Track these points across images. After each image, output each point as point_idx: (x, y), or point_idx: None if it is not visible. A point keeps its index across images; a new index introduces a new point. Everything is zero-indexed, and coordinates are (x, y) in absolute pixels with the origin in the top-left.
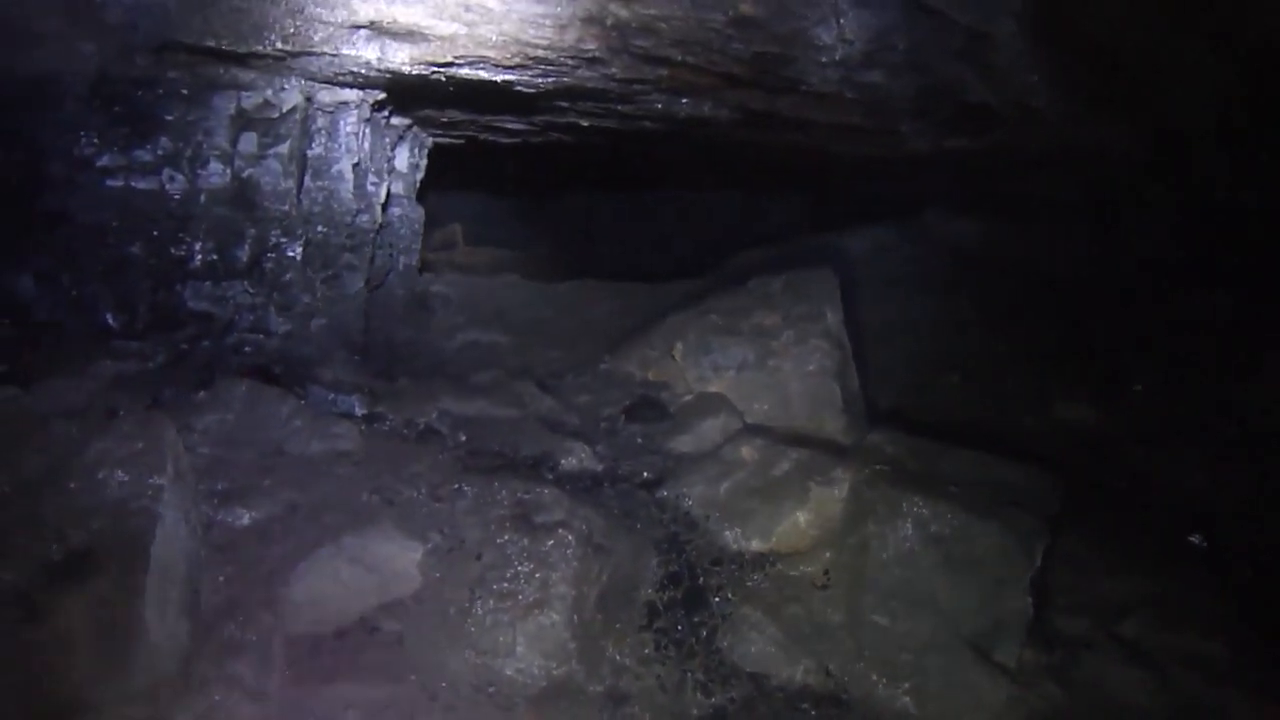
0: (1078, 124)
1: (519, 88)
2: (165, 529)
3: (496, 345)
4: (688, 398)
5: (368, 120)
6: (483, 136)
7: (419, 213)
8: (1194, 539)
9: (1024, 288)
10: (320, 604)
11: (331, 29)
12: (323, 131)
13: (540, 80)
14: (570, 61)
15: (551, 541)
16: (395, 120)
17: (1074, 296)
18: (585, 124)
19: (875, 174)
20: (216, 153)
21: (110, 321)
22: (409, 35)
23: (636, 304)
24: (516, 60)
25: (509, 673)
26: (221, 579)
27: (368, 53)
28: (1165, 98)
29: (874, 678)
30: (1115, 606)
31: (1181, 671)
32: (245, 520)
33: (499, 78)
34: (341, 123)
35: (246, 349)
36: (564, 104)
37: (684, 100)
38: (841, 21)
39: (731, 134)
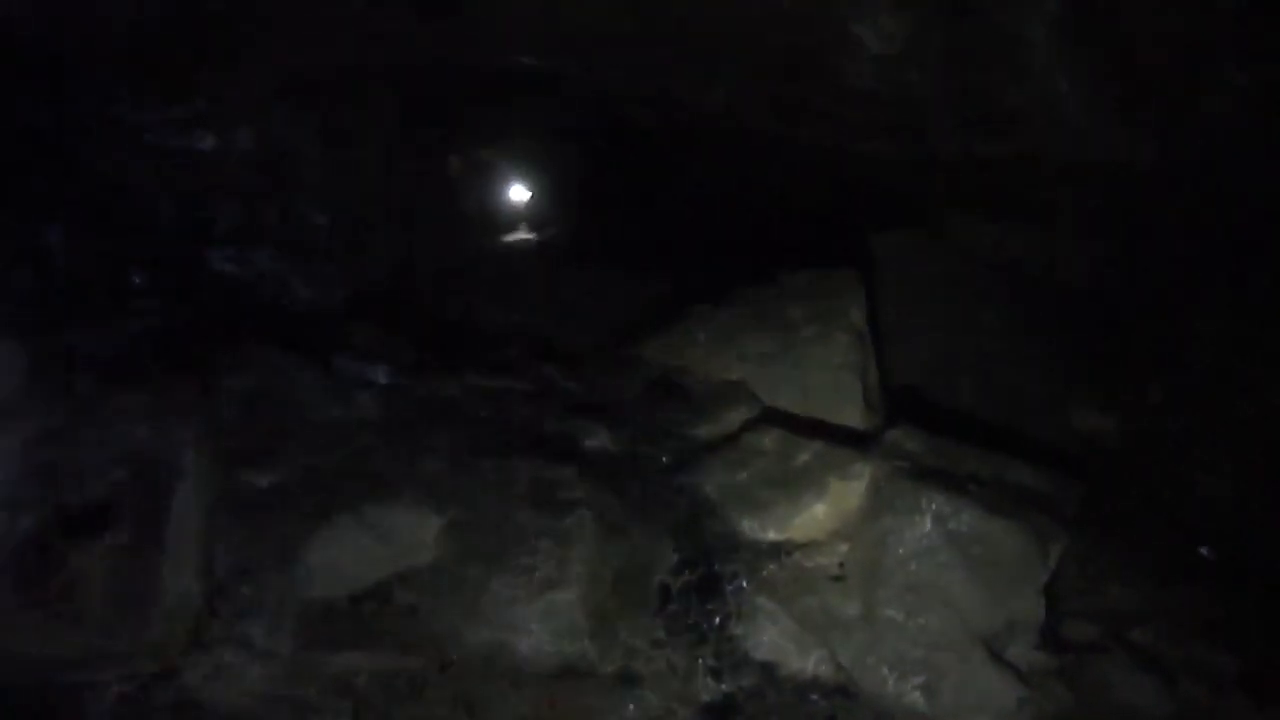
0: (1105, 131)
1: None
2: (184, 486)
3: (522, 325)
4: (710, 385)
5: None
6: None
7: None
8: (1204, 550)
9: (1044, 295)
10: (335, 570)
11: None
12: None
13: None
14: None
15: (570, 520)
16: None
17: (1094, 305)
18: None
19: (901, 175)
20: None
21: (137, 280)
22: None
23: (661, 291)
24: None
25: (521, 649)
26: (238, 540)
27: None
28: (1193, 107)
29: (885, 672)
30: (1126, 613)
31: (1190, 680)
32: (264, 483)
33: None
34: None
35: (271, 314)
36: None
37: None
38: (881, 18)
39: (763, 128)
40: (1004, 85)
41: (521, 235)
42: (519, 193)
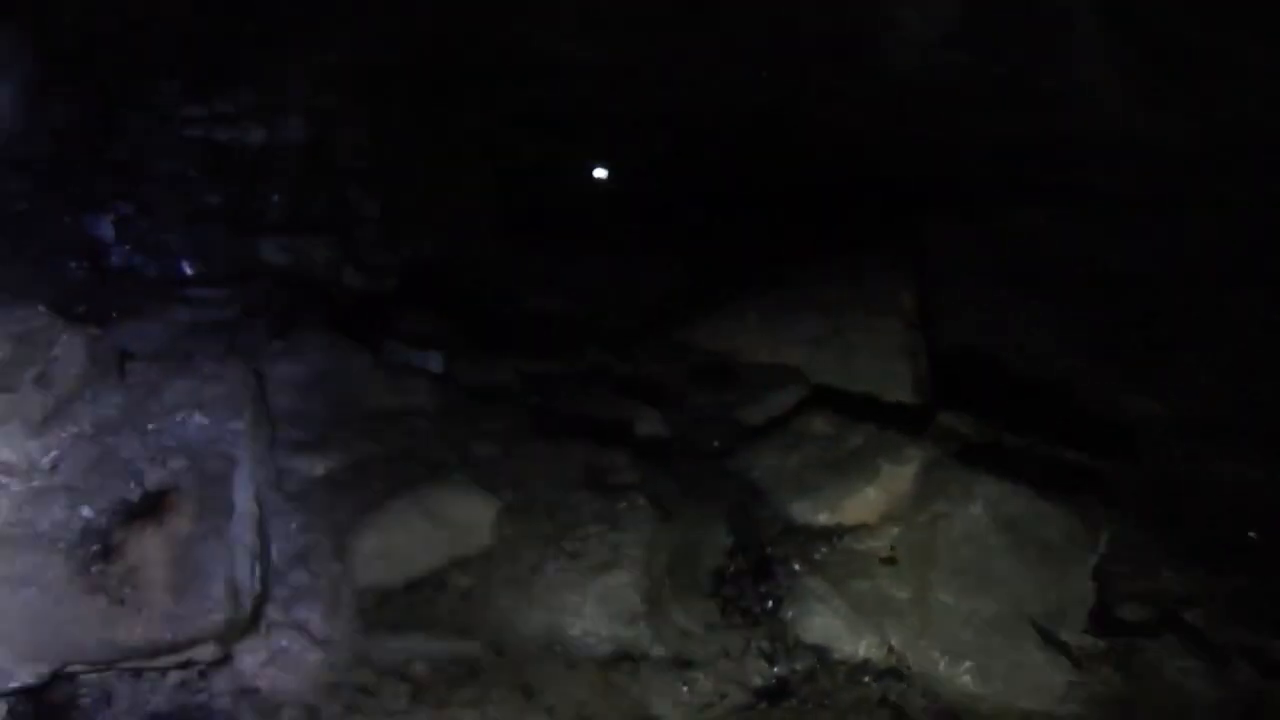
0: (1142, 113)
1: None
2: (242, 474)
3: (571, 312)
4: (759, 368)
5: None
6: None
7: None
8: (1252, 535)
9: (1090, 279)
10: (391, 556)
11: None
12: None
13: None
14: None
15: (623, 504)
16: None
17: (1137, 289)
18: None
19: (946, 159)
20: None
21: (187, 269)
22: None
23: (709, 277)
24: None
25: (576, 632)
26: (294, 526)
27: None
28: (1230, 89)
29: (936, 655)
30: (1176, 596)
31: (1242, 664)
32: (319, 470)
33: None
34: None
35: (322, 303)
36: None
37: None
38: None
39: (808, 112)
40: (1046, 67)
41: (567, 223)
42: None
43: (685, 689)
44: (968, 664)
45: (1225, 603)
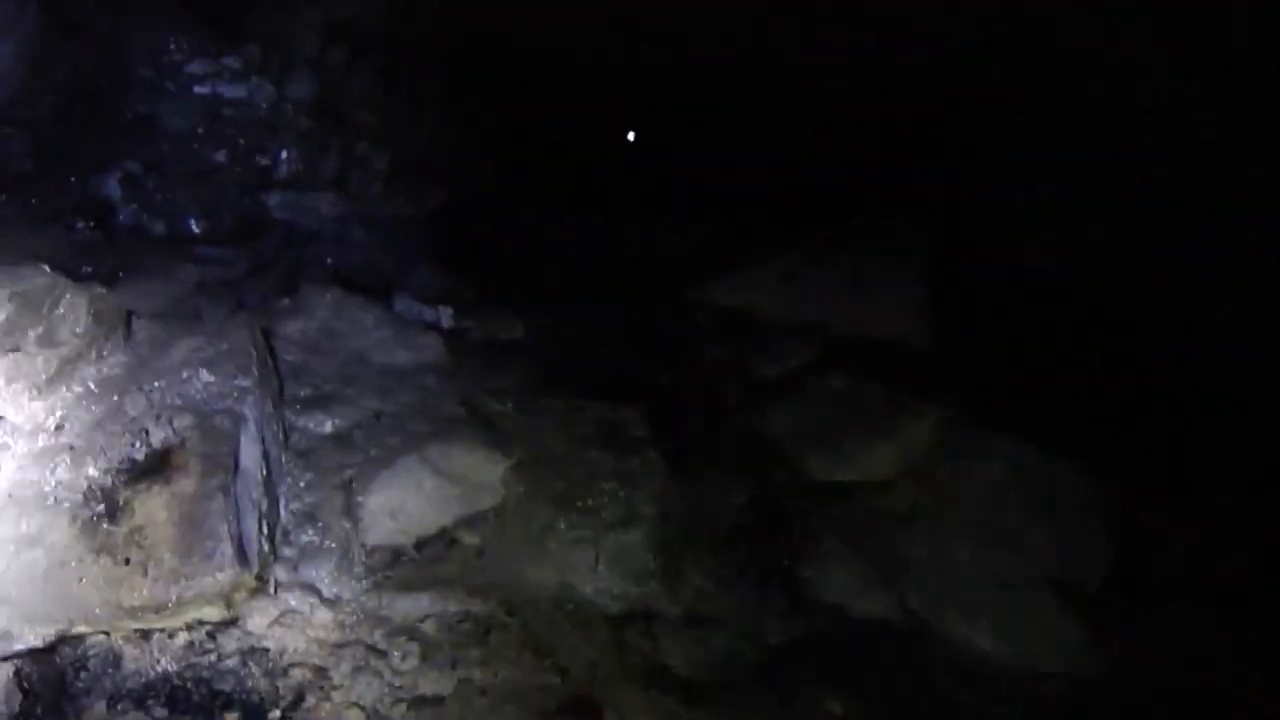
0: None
1: None
2: (249, 431)
3: (585, 268)
4: (776, 325)
5: None
6: None
7: None
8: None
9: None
10: (400, 514)
11: None
12: None
13: None
14: None
15: (637, 460)
16: None
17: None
18: None
19: (965, 115)
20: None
21: (194, 227)
22: None
23: (724, 233)
24: None
25: (588, 591)
26: (302, 485)
27: None
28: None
29: (954, 614)
30: (1196, 554)
31: (1263, 623)
32: (328, 427)
33: None
34: None
35: (331, 260)
36: None
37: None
38: None
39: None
40: (1070, 23)
41: (581, 180)
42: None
43: (700, 648)
44: (986, 623)
45: (1247, 561)
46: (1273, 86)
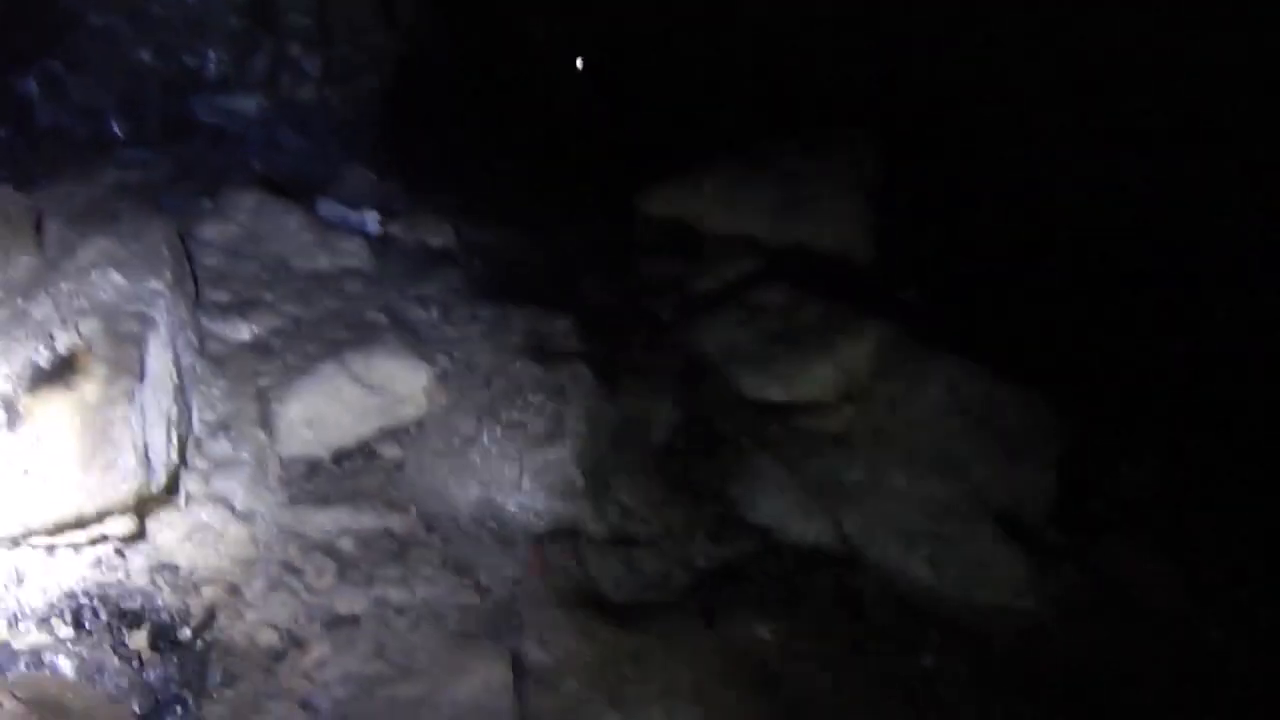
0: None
1: None
2: (160, 336)
3: (518, 175)
4: (715, 238)
5: None
6: None
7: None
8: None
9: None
10: (318, 424)
11: None
12: None
13: None
14: None
15: (566, 373)
16: None
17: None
18: None
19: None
20: None
21: (117, 129)
22: None
23: (669, 144)
24: None
25: (512, 508)
26: (216, 393)
27: None
28: None
29: (890, 542)
30: (1140, 494)
31: (1203, 566)
32: (245, 334)
33: None
34: None
35: (257, 163)
36: None
37: None
38: None
39: None
40: None
41: (521, 88)
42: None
43: (626, 569)
44: (923, 552)
45: (1190, 502)
46: None
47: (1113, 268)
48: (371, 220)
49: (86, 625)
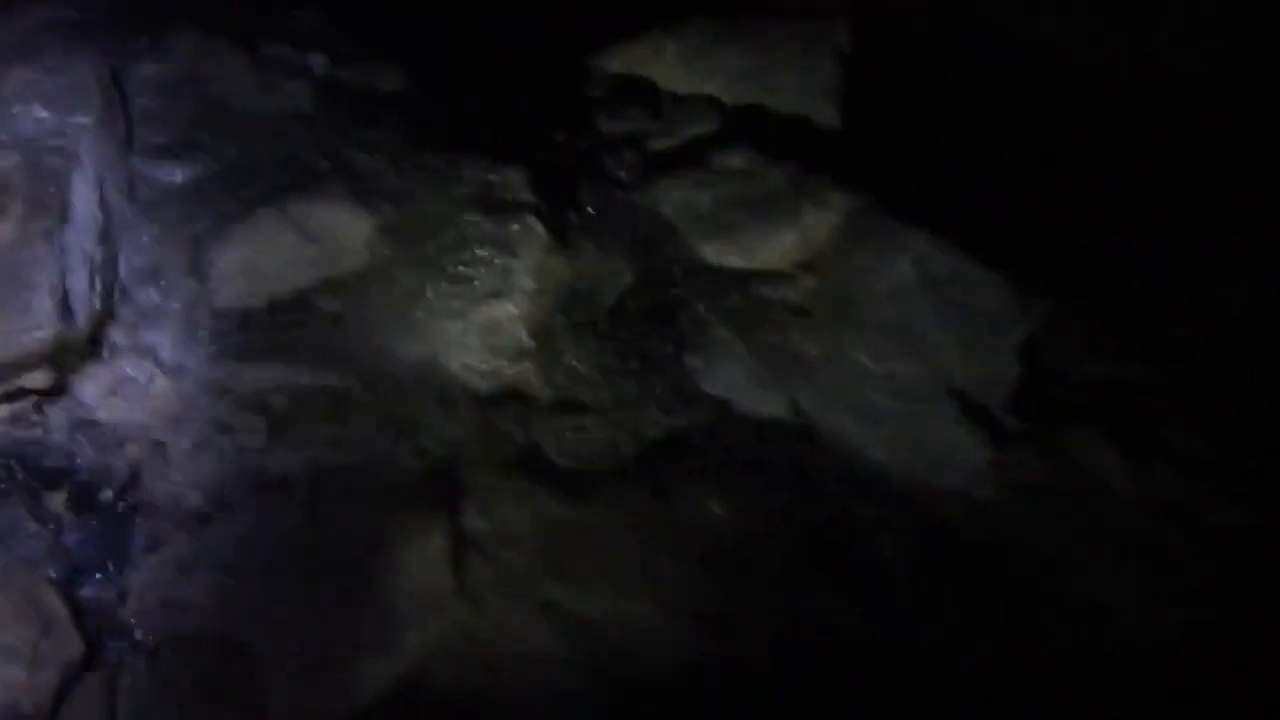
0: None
1: None
2: (85, 175)
3: (475, 21)
4: (678, 99)
5: None
6: None
7: None
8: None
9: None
10: (253, 274)
11: None
12: None
13: None
14: None
15: (516, 227)
16: None
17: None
18: None
19: None
20: None
21: None
22: None
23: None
24: None
25: (455, 368)
26: (146, 239)
27: None
28: None
29: (848, 419)
30: (1104, 386)
31: (1164, 464)
32: (179, 177)
33: None
34: None
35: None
36: None
37: None
38: None
39: None
40: None
41: None
42: None
43: (573, 436)
44: (881, 432)
45: (1155, 398)
46: None
47: (1087, 146)
48: (317, 61)
49: (1, 485)
